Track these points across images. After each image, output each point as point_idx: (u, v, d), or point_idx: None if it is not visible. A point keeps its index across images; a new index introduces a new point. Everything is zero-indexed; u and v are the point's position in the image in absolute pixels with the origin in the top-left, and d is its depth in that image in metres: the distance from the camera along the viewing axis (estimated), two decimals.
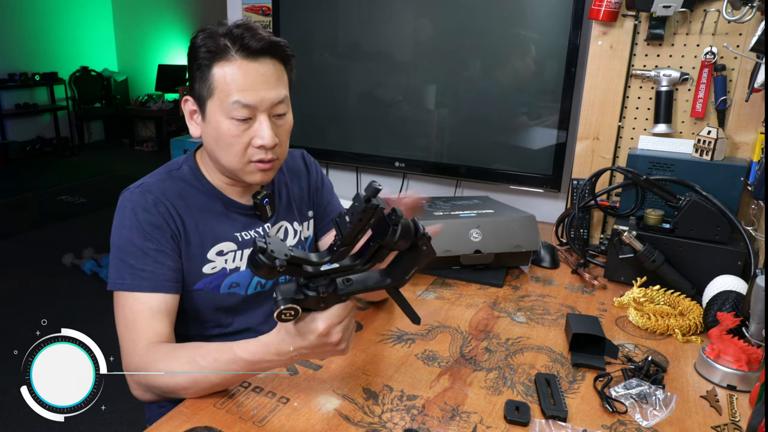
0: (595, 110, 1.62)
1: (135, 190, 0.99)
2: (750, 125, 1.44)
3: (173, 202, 1.00)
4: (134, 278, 0.94)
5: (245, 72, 0.92)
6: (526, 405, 0.88)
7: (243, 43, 0.91)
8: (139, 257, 0.95)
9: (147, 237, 0.95)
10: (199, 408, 0.85)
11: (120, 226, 0.97)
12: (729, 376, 0.97)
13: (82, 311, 2.97)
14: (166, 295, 0.95)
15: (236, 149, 0.96)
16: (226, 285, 1.05)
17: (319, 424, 0.83)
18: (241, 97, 0.92)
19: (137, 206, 0.97)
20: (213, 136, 0.97)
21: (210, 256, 1.03)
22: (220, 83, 0.92)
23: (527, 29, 1.80)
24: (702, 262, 1.28)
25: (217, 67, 0.92)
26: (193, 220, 1.01)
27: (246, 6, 2.39)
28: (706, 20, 1.43)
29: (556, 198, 1.94)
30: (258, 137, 0.95)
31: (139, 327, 0.92)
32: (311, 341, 0.76)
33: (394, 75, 2.04)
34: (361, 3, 2.02)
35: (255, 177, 1.00)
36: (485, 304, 1.27)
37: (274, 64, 0.95)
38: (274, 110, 0.96)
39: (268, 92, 0.94)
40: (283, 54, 0.96)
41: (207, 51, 0.92)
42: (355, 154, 2.14)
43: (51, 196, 5.08)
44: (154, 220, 0.96)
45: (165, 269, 0.96)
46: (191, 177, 1.04)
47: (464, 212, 1.43)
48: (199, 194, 1.04)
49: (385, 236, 0.71)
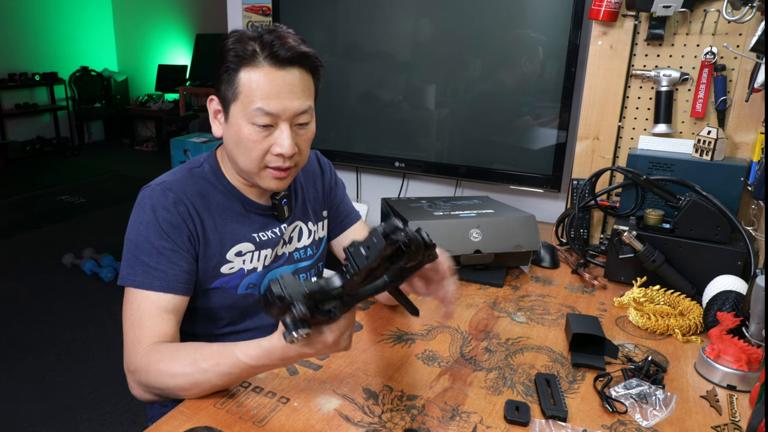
0: (595, 110, 1.62)
1: (156, 188, 0.98)
2: (750, 125, 1.44)
3: (193, 202, 1.00)
4: (146, 276, 0.94)
5: (271, 80, 0.92)
6: (526, 405, 0.88)
7: (272, 51, 0.91)
8: (153, 255, 0.94)
9: (163, 236, 0.95)
10: (199, 408, 0.85)
11: (137, 222, 0.97)
12: (729, 376, 0.97)
13: (82, 311, 2.98)
14: (176, 296, 0.95)
15: (255, 154, 0.96)
16: (243, 285, 1.06)
17: (319, 424, 0.83)
18: (264, 104, 0.92)
19: (157, 204, 0.96)
20: (233, 138, 0.97)
21: (229, 256, 1.03)
22: (245, 88, 0.92)
23: (527, 29, 1.80)
24: (702, 262, 1.28)
25: (244, 72, 0.92)
26: (213, 220, 1.02)
27: (246, 6, 2.39)
28: (706, 20, 1.43)
29: (556, 198, 1.94)
30: (277, 145, 0.95)
31: (144, 326, 0.92)
32: (318, 349, 0.77)
33: (394, 75, 2.04)
34: (361, 3, 2.02)
35: (270, 183, 0.99)
36: (485, 304, 1.27)
37: (301, 74, 0.95)
38: (296, 119, 0.96)
39: (292, 102, 0.93)
40: (312, 65, 0.96)
41: (236, 55, 0.92)
42: (355, 154, 2.14)
43: (51, 196, 5.08)
44: (173, 219, 0.96)
45: (178, 270, 0.96)
46: (212, 176, 1.04)
47: (464, 212, 1.43)
48: (218, 194, 1.04)
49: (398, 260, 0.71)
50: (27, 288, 3.24)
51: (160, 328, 0.92)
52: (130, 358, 0.92)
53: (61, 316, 2.92)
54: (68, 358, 2.54)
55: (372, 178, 2.25)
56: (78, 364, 2.50)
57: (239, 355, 0.82)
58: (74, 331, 2.77)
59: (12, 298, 3.11)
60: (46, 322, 2.85)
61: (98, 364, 2.49)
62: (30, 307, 3.01)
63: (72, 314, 2.94)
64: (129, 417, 2.16)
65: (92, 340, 2.68)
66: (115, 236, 3.99)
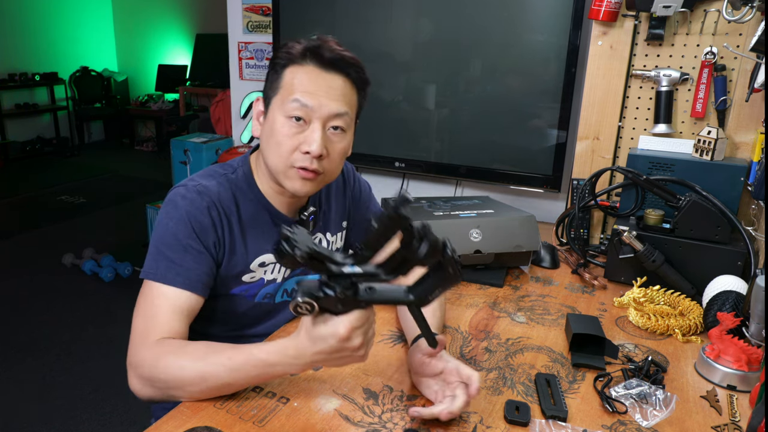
0: (595, 110, 1.62)
1: (192, 189, 0.98)
2: (750, 125, 1.44)
3: (225, 209, 1.00)
4: (168, 271, 0.93)
5: (313, 78, 0.95)
6: (526, 405, 0.88)
7: (317, 52, 0.95)
8: (179, 252, 0.94)
9: (192, 235, 0.95)
10: (199, 408, 0.85)
11: (167, 217, 0.96)
12: (729, 376, 0.97)
13: (82, 311, 2.98)
14: (194, 295, 0.95)
15: (284, 149, 0.96)
16: (261, 295, 1.07)
17: (319, 424, 0.83)
18: (300, 96, 0.94)
19: (190, 205, 0.96)
20: (267, 132, 0.98)
21: (252, 266, 1.04)
22: (287, 83, 0.96)
23: (527, 29, 1.80)
24: (702, 262, 1.28)
25: (290, 70, 0.96)
26: (241, 229, 1.02)
27: (246, 6, 2.39)
28: (706, 20, 1.43)
29: (556, 198, 1.94)
30: (306, 143, 0.95)
31: (156, 321, 0.91)
32: (331, 345, 0.76)
33: (394, 75, 2.04)
34: (361, 3, 2.02)
35: (295, 184, 0.99)
36: (485, 304, 1.27)
37: (344, 82, 0.97)
38: (330, 121, 0.96)
39: (328, 101, 0.95)
40: (356, 75, 0.98)
41: (286, 53, 0.97)
42: (355, 154, 2.12)
43: (51, 196, 5.07)
44: (204, 221, 0.97)
45: (200, 270, 0.96)
46: (244, 184, 1.05)
47: (464, 212, 1.43)
48: (249, 203, 1.04)
49: (411, 249, 0.70)
50: (27, 288, 3.24)
51: (171, 325, 0.91)
52: (135, 349, 0.90)
53: (61, 316, 2.92)
54: (68, 358, 2.54)
55: (372, 178, 2.24)
56: (78, 364, 2.50)
57: (254, 350, 0.82)
58: (74, 331, 2.77)
59: (12, 298, 3.11)
60: (46, 322, 2.85)
61: (98, 364, 2.49)
62: (30, 307, 3.01)
63: (72, 314, 2.94)
64: (129, 417, 2.16)
65: (92, 340, 2.68)
66: (115, 236, 4.01)
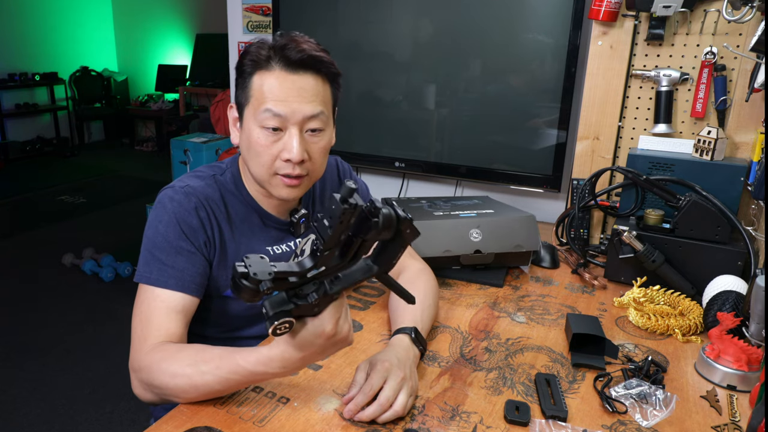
0: (595, 110, 1.62)
1: (179, 190, 0.98)
2: (750, 125, 1.44)
3: (214, 209, 1.00)
4: (161, 273, 0.93)
5: (282, 82, 0.92)
6: (526, 405, 0.88)
7: (283, 54, 0.92)
8: (171, 254, 0.94)
9: (182, 236, 0.96)
10: (199, 408, 0.85)
11: (157, 221, 0.97)
12: (729, 376, 0.97)
13: (82, 311, 2.98)
14: (188, 296, 0.95)
15: (264, 159, 0.96)
16: None
17: (319, 424, 0.83)
18: (272, 105, 0.92)
19: (178, 206, 0.97)
20: (245, 143, 0.98)
21: None
22: (256, 91, 0.93)
23: (527, 29, 1.80)
24: (702, 262, 1.28)
25: (257, 76, 0.94)
26: (231, 229, 1.02)
27: (246, 6, 2.39)
28: (706, 20, 1.43)
29: (556, 198, 1.94)
30: (285, 150, 0.94)
31: (153, 324, 0.91)
32: (320, 344, 0.75)
33: (394, 75, 2.04)
34: (361, 3, 2.02)
35: (281, 192, 0.99)
36: (485, 304, 1.27)
37: (314, 79, 0.95)
38: (307, 125, 0.95)
39: (301, 105, 0.93)
40: (327, 70, 0.96)
41: (251, 60, 0.94)
42: (355, 154, 2.14)
43: (51, 196, 5.07)
44: (193, 222, 0.97)
45: (193, 271, 0.96)
46: (232, 185, 1.05)
47: (464, 212, 1.43)
48: (238, 204, 1.04)
49: (368, 231, 0.68)
50: (27, 288, 3.24)
51: (168, 327, 0.92)
52: (135, 355, 0.91)
53: (61, 316, 2.92)
54: (68, 358, 2.54)
55: (372, 178, 2.24)
56: (78, 364, 2.50)
57: (239, 360, 0.80)
58: (74, 331, 2.77)
59: (12, 298, 3.11)
60: (46, 322, 2.85)
61: (98, 364, 2.49)
62: (30, 307, 3.01)
63: (72, 314, 2.94)
64: (129, 417, 2.16)
65: (92, 340, 2.68)
66: (115, 236, 4.01)
